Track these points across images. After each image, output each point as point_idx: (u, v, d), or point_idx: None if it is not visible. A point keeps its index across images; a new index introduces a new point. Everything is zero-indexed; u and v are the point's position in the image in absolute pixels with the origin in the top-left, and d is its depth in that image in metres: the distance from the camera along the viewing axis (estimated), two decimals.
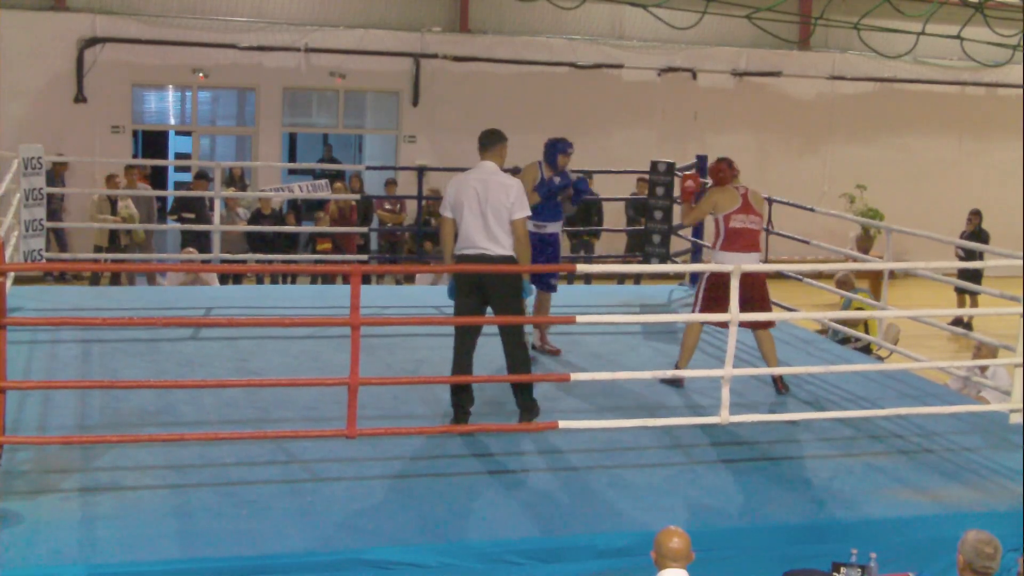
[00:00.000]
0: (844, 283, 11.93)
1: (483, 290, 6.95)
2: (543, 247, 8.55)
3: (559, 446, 6.77)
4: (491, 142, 7.12)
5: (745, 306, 7.36)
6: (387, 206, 15.80)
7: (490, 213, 6.88)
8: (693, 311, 8.19)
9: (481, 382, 7.47)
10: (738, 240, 8.04)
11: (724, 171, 8.21)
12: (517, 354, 7.03)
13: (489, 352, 7.73)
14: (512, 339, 7.03)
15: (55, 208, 15.04)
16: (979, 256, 12.87)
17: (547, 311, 8.91)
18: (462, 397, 6.99)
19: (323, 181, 15.15)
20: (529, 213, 7.13)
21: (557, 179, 8.55)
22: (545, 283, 8.81)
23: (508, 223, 6.91)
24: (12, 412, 6.48)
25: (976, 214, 15.89)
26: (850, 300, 11.13)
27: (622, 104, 18.72)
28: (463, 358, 7.03)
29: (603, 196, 15.56)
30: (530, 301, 8.33)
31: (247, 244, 14.25)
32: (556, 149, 8.63)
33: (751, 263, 7.89)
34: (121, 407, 7.05)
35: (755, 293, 7.85)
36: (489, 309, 7.08)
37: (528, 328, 8.10)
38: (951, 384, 9.53)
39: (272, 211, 14.34)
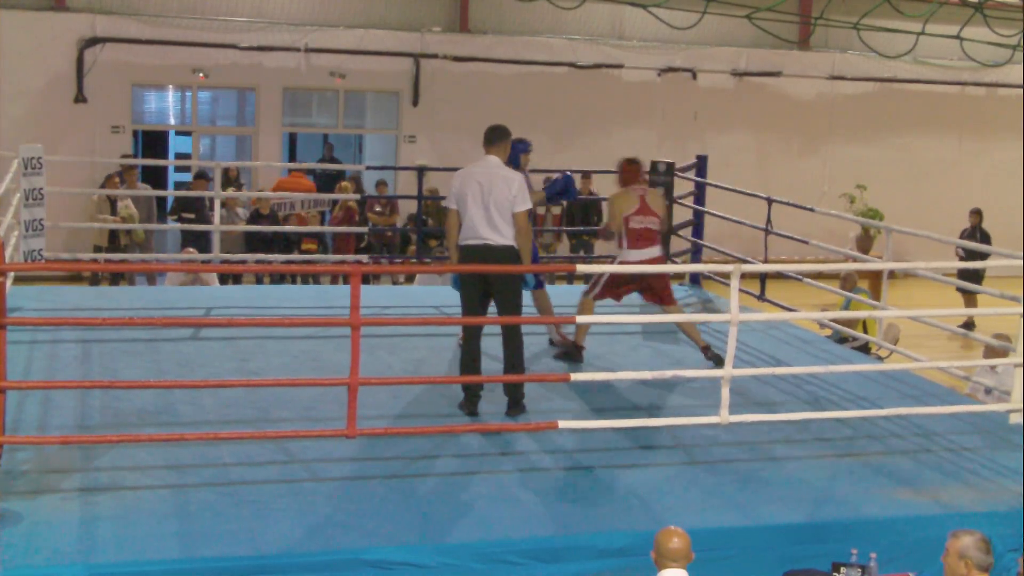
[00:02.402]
0: (847, 279, 11.94)
1: (486, 279, 7.22)
2: None
3: (559, 446, 6.77)
4: (496, 138, 7.42)
5: (646, 291, 8.81)
6: (377, 208, 15.79)
7: (492, 205, 7.16)
8: (590, 292, 8.80)
9: (481, 382, 7.47)
10: (638, 239, 8.71)
11: (627, 171, 8.91)
12: (514, 340, 7.27)
13: (490, 353, 7.74)
14: (511, 327, 7.29)
15: None
16: (980, 256, 12.86)
17: (549, 306, 8.93)
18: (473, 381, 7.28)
19: (324, 197, 15.22)
20: (531, 206, 7.43)
21: (559, 182, 8.79)
22: (536, 281, 8.87)
23: (510, 215, 7.17)
24: (12, 412, 6.47)
25: (976, 213, 15.86)
26: (849, 300, 11.13)
27: (622, 104, 18.72)
28: (472, 343, 7.31)
29: (603, 196, 15.61)
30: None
31: (245, 243, 14.26)
32: (518, 149, 8.74)
33: (653, 255, 8.76)
34: (121, 407, 7.05)
35: (655, 281, 8.76)
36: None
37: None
38: (969, 391, 9.49)
39: (271, 211, 14.34)
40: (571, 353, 8.71)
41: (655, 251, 8.79)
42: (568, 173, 9.09)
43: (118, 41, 16.58)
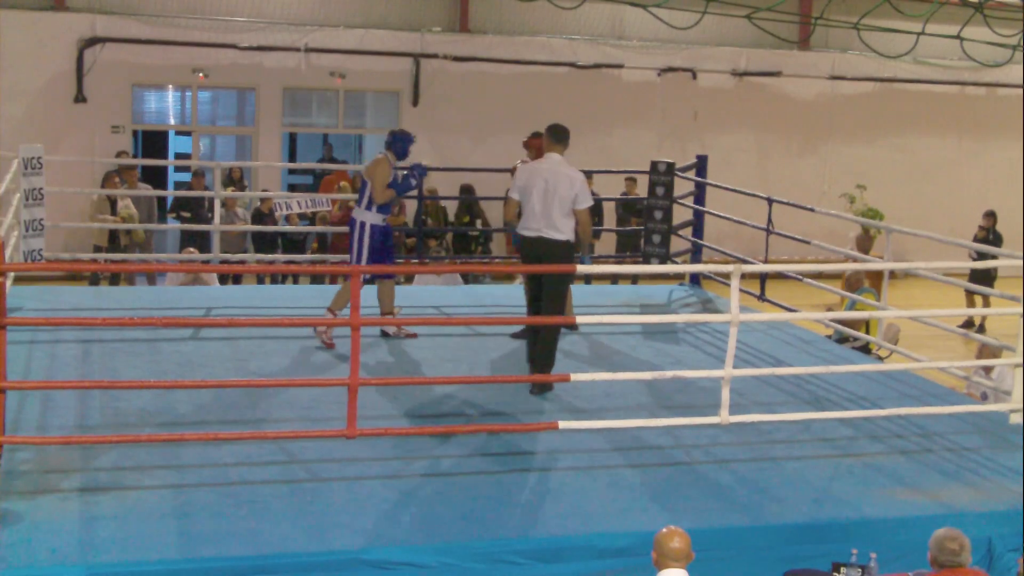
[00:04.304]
0: (852, 280, 11.95)
1: (539, 273, 7.84)
2: (387, 238, 8.87)
3: (559, 446, 6.77)
4: (561, 137, 8.02)
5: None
6: None
7: (556, 201, 7.68)
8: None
9: (483, 382, 7.48)
10: None
11: (538, 145, 8.91)
12: (549, 331, 7.80)
13: (489, 353, 7.75)
14: (549, 311, 7.81)
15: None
16: (989, 257, 12.82)
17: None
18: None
19: (324, 197, 15.20)
20: (592, 203, 7.92)
21: (413, 180, 8.83)
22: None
23: (571, 211, 7.76)
24: (12, 412, 6.48)
25: (990, 215, 15.70)
26: (853, 302, 11.12)
27: (622, 104, 18.72)
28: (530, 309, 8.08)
29: (603, 196, 15.61)
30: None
31: (248, 244, 14.24)
32: (408, 141, 8.85)
33: None
34: (121, 407, 7.05)
35: None
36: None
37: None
38: (967, 391, 9.49)
39: (271, 211, 14.34)
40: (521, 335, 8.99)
41: None
42: (415, 164, 8.97)
43: (118, 41, 16.58)
